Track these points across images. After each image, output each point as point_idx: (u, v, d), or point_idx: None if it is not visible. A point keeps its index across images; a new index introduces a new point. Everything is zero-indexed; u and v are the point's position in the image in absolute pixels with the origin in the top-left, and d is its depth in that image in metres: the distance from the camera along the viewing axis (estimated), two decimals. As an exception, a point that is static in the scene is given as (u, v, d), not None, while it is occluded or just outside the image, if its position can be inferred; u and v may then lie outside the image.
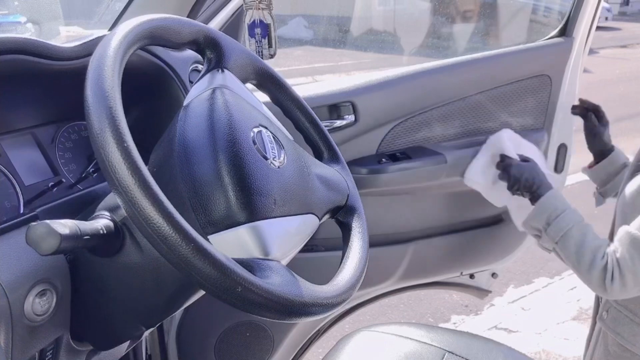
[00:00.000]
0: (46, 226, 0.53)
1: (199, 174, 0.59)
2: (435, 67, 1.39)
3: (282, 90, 0.81)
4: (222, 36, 0.72)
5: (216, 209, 0.58)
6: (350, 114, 1.30)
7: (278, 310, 0.52)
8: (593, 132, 1.34)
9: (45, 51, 0.72)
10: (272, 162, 0.64)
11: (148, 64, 0.90)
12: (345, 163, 0.84)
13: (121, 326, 0.70)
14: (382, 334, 1.11)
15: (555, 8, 1.78)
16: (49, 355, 0.68)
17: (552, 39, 1.50)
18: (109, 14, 1.28)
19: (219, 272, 0.48)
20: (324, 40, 7.67)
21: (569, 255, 1.12)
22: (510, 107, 1.45)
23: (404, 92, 1.35)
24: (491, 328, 2.35)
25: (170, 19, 0.64)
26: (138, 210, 0.47)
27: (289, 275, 0.56)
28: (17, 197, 0.73)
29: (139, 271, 0.63)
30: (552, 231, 1.14)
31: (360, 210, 0.78)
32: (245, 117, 0.65)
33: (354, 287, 0.65)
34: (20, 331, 0.61)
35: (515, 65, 1.44)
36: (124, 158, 0.48)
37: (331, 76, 6.33)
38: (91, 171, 0.83)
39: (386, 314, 2.39)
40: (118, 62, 0.54)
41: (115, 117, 0.49)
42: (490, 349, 1.07)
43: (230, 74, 0.70)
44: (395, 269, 1.43)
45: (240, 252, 0.58)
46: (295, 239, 0.66)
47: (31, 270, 0.63)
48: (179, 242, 0.47)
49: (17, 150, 0.76)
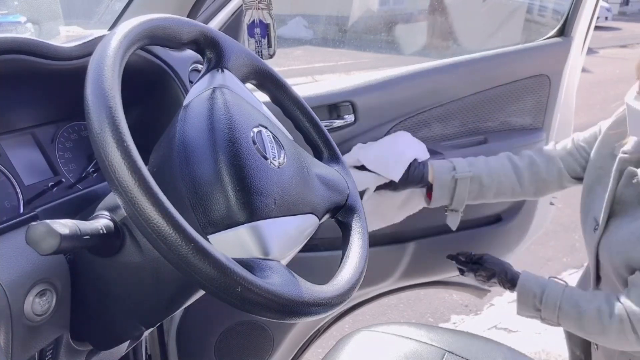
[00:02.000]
0: (46, 226, 0.53)
1: (198, 173, 0.59)
2: (435, 67, 1.39)
3: (282, 90, 0.81)
4: (222, 36, 0.72)
5: (216, 208, 0.58)
6: (349, 114, 1.30)
7: (278, 310, 0.52)
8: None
9: (45, 51, 0.72)
10: (272, 162, 0.64)
11: (148, 64, 0.90)
12: (345, 163, 0.84)
13: (121, 326, 0.70)
14: (382, 333, 1.11)
15: (550, 7, 1.78)
16: (49, 355, 0.68)
17: (551, 39, 1.50)
18: (108, 14, 1.28)
19: (219, 272, 0.48)
20: (324, 40, 7.67)
21: (578, 331, 1.06)
22: (509, 107, 1.45)
23: (404, 92, 1.35)
24: (491, 328, 2.35)
25: (170, 19, 0.64)
26: (138, 210, 0.47)
27: (288, 275, 0.56)
28: (17, 197, 0.73)
29: (139, 271, 0.63)
30: (547, 315, 1.08)
31: (360, 210, 0.78)
32: (245, 117, 0.65)
33: (354, 286, 0.65)
34: (20, 331, 0.61)
35: (514, 65, 1.44)
36: (124, 158, 0.48)
37: (331, 76, 6.33)
38: (91, 171, 0.83)
39: (386, 314, 2.39)
40: (118, 62, 0.54)
41: (115, 117, 0.49)
42: (490, 349, 1.07)
43: (230, 74, 0.70)
44: (395, 268, 1.43)
45: (240, 252, 0.58)
46: (295, 239, 0.66)
47: (31, 270, 0.63)
48: (178, 242, 0.47)
49: (17, 150, 0.76)
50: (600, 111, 5.76)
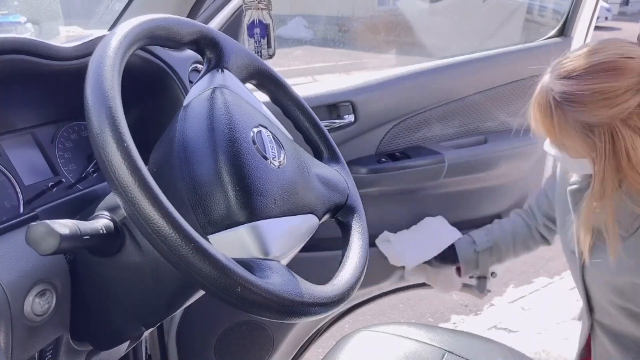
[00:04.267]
0: (46, 226, 0.53)
1: (198, 173, 0.59)
2: (435, 67, 1.39)
3: (281, 90, 0.81)
4: (222, 36, 0.72)
5: (216, 208, 0.58)
6: (349, 114, 1.30)
7: (278, 310, 0.52)
8: None
9: (45, 51, 0.72)
10: (271, 162, 0.64)
11: (148, 64, 0.90)
12: (345, 163, 0.84)
13: (121, 326, 0.70)
14: (382, 333, 1.11)
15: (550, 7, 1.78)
16: (49, 356, 0.68)
17: (551, 39, 1.50)
18: (108, 14, 1.28)
19: (219, 272, 0.48)
20: (324, 40, 7.66)
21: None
22: (509, 107, 1.45)
23: (404, 92, 1.35)
24: (491, 328, 2.35)
25: (170, 19, 0.64)
26: (138, 210, 0.47)
27: (288, 275, 0.56)
28: (17, 197, 0.73)
29: (139, 271, 0.63)
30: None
31: (360, 210, 0.78)
32: (245, 117, 0.65)
33: (354, 286, 0.65)
34: (19, 331, 0.61)
35: (514, 65, 1.44)
36: (123, 158, 0.48)
37: (331, 76, 6.32)
38: (91, 171, 0.83)
39: (386, 314, 2.39)
40: (118, 62, 0.54)
41: (115, 117, 0.49)
42: (490, 348, 1.07)
43: (230, 74, 0.70)
44: (395, 268, 1.43)
45: (240, 252, 0.58)
46: (295, 238, 0.66)
47: (31, 270, 0.63)
48: (178, 242, 0.47)
49: (17, 150, 0.76)
50: (600, 111, 5.74)
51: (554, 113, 0.89)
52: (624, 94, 0.83)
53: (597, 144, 0.87)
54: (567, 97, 0.87)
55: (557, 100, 0.88)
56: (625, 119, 0.84)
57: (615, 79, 0.84)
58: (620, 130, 0.85)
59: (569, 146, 0.92)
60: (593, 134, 0.87)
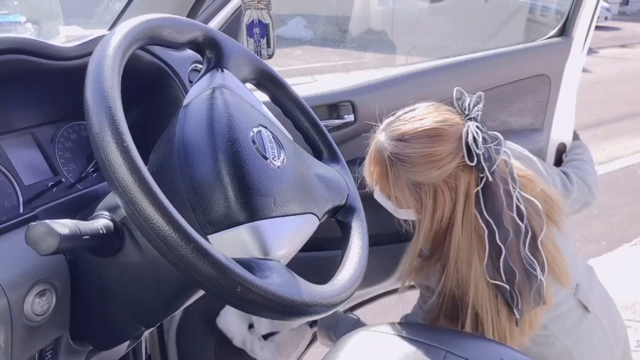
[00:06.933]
0: (46, 226, 0.53)
1: (198, 173, 0.59)
2: (435, 67, 1.39)
3: (281, 90, 0.81)
4: (221, 36, 0.72)
5: (216, 208, 0.58)
6: (349, 114, 1.30)
7: (278, 310, 0.52)
8: None
9: (45, 51, 0.72)
10: (271, 161, 0.64)
11: (148, 64, 0.90)
12: (345, 163, 0.84)
13: (121, 326, 0.70)
14: (382, 334, 1.11)
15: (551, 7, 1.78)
16: (49, 356, 0.68)
17: (551, 39, 1.50)
18: (108, 14, 1.28)
19: (219, 272, 0.48)
20: (324, 39, 7.66)
21: None
22: (509, 107, 1.45)
23: (404, 92, 1.35)
24: (491, 328, 2.34)
25: (170, 19, 0.64)
26: (138, 210, 0.47)
27: (288, 275, 0.56)
28: (17, 197, 0.73)
29: (139, 271, 0.63)
30: None
31: (360, 210, 0.78)
32: (244, 117, 0.65)
33: (354, 286, 0.65)
34: (19, 331, 0.61)
35: (514, 65, 1.44)
36: (123, 158, 0.48)
37: (330, 76, 6.32)
38: (91, 171, 0.83)
39: (386, 314, 2.39)
40: (118, 62, 0.54)
41: (115, 117, 0.49)
42: (490, 349, 1.07)
43: (229, 74, 0.70)
44: (395, 268, 1.43)
45: (240, 252, 0.58)
46: (295, 238, 0.66)
47: (31, 270, 0.63)
48: (178, 241, 0.47)
49: (16, 150, 0.76)
50: (600, 111, 5.76)
51: (389, 170, 0.99)
52: (446, 157, 0.95)
53: (422, 199, 0.99)
54: (401, 158, 0.97)
55: (392, 160, 0.98)
56: (446, 179, 0.97)
57: (440, 144, 0.95)
58: (441, 188, 0.97)
59: (399, 198, 1.02)
60: (420, 190, 0.99)
